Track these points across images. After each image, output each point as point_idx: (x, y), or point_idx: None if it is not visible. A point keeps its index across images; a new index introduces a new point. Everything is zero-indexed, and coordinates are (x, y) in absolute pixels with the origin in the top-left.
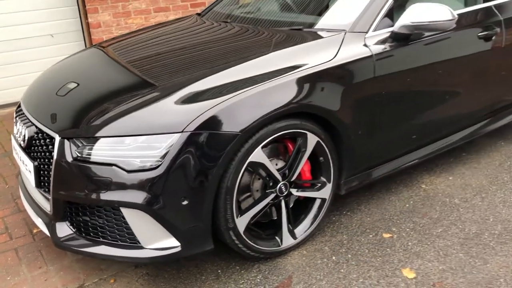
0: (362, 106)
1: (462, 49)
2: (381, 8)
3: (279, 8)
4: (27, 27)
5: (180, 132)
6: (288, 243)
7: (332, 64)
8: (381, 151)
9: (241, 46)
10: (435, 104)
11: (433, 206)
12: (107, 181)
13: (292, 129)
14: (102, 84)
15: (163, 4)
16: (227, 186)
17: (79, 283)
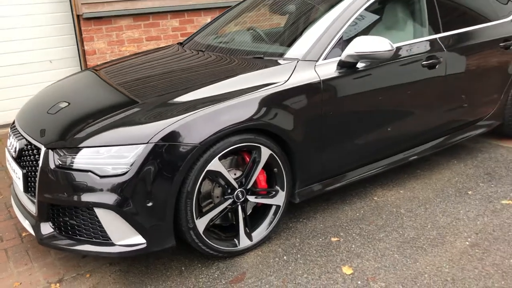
0: (311, 125)
1: (406, 76)
2: (330, 41)
3: (247, 39)
4: (28, 53)
5: (146, 143)
6: (245, 244)
7: (283, 87)
8: (332, 165)
9: (210, 72)
10: (380, 124)
11: (381, 215)
12: (83, 185)
13: (247, 143)
14: (89, 103)
15: (155, 34)
16: (188, 190)
17: (59, 277)
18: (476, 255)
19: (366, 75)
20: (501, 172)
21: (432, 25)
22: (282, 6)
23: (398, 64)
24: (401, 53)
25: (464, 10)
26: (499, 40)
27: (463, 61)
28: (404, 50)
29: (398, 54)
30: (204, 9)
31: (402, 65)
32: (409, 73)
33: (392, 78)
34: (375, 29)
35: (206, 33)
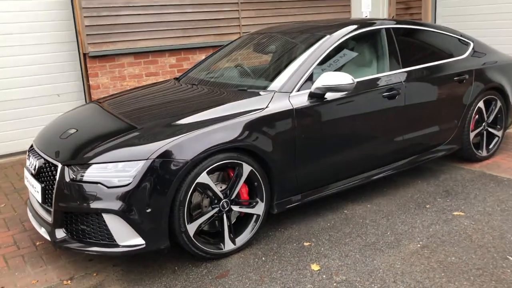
0: (286, 146)
1: (368, 105)
2: (302, 76)
3: (234, 74)
4: (38, 87)
5: (146, 159)
6: (229, 247)
7: (262, 114)
8: (305, 181)
9: (201, 101)
10: (346, 147)
11: (348, 225)
12: (94, 194)
13: (231, 160)
14: (95, 129)
15: (154, 70)
16: (180, 199)
17: (70, 276)
18: (424, 254)
19: (333, 104)
20: (458, 189)
21: (392, 61)
22: (264, 47)
23: (361, 95)
24: (364, 86)
25: (423, 49)
26: (453, 74)
27: (421, 92)
28: (367, 83)
29: (361, 86)
30: (199, 48)
31: (364, 96)
32: (371, 103)
33: (356, 107)
34: (344, 65)
35: (199, 69)
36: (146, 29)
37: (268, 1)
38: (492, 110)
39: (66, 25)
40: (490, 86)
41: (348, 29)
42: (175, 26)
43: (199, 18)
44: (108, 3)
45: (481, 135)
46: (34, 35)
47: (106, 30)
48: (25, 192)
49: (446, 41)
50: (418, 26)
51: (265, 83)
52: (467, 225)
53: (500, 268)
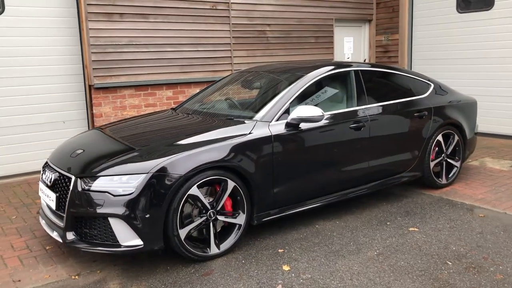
0: (265, 167)
1: (337, 135)
2: (280, 108)
3: (224, 106)
4: (45, 114)
5: (147, 173)
6: (214, 251)
7: (246, 139)
8: (282, 198)
9: (194, 128)
10: (317, 171)
11: (318, 236)
12: (101, 201)
13: (217, 176)
14: (100, 149)
15: (152, 101)
16: (174, 207)
17: (77, 273)
18: (379, 259)
19: (307, 133)
20: (417, 210)
21: (360, 98)
22: (250, 83)
23: (331, 126)
24: (333, 118)
25: (388, 88)
26: (414, 111)
27: (384, 126)
28: (337, 116)
29: (331, 119)
30: (194, 82)
31: (334, 126)
32: (339, 133)
33: (326, 136)
34: (319, 100)
35: (194, 101)
36: (146, 64)
37: (257, 43)
38: (451, 143)
39: (75, 59)
40: (448, 122)
41: (322, 70)
42: (173, 63)
43: (195, 56)
44: (113, 41)
45: (441, 165)
46: (46, 67)
47: (110, 65)
48: (32, 207)
49: (409, 82)
50: (386, 69)
51: (250, 113)
52: (419, 238)
53: (439, 270)
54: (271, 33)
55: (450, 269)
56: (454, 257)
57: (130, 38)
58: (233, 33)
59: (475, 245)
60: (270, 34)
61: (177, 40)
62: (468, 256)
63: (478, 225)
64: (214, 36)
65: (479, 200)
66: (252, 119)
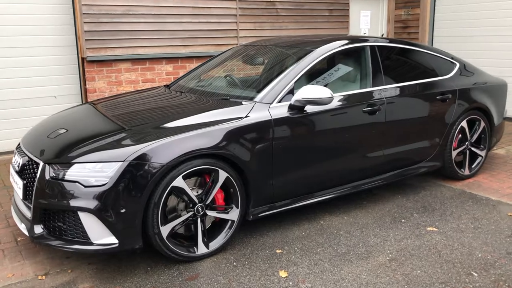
0: (263, 155)
1: (348, 120)
2: (283, 88)
3: (222, 84)
4: (36, 89)
5: (122, 161)
6: (202, 251)
7: (241, 123)
8: (282, 191)
9: (185, 109)
10: (324, 159)
11: (322, 235)
12: (71, 193)
13: (207, 166)
14: (84, 130)
15: (150, 77)
16: (155, 202)
17: (45, 272)
18: (392, 267)
19: (313, 117)
20: (435, 206)
21: (376, 78)
22: (254, 59)
23: (342, 109)
24: (345, 101)
25: (407, 67)
26: (436, 93)
27: (402, 109)
28: (348, 98)
29: (341, 101)
30: (196, 57)
31: (345, 110)
32: (351, 117)
33: (335, 121)
34: (327, 80)
35: (190, 78)
36: (145, 36)
37: (266, 15)
38: (476, 129)
39: (67, 29)
40: (474, 106)
41: (333, 45)
42: (174, 35)
43: (198, 28)
44: (108, 10)
45: (464, 154)
46: (36, 37)
47: (105, 36)
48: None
49: (432, 61)
50: (406, 45)
51: (249, 93)
52: (438, 240)
53: (463, 283)
54: (281, 5)
55: (476, 282)
56: (481, 266)
57: (127, 7)
58: (239, 4)
59: (504, 252)
60: (280, 5)
61: (178, 10)
62: (497, 266)
63: (507, 227)
64: (219, 6)
65: (507, 195)
66: (251, 100)
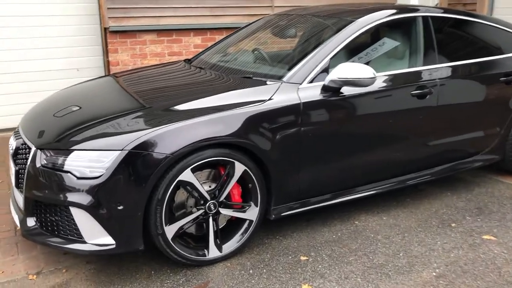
0: (288, 145)
1: (392, 104)
2: (315, 66)
3: (248, 59)
4: (57, 61)
5: (120, 150)
6: (214, 255)
7: (263, 106)
8: (310, 186)
9: (201, 88)
10: (362, 150)
11: (356, 239)
12: (62, 184)
13: (220, 157)
14: (97, 109)
15: (177, 49)
16: (158, 198)
17: (38, 270)
18: (439, 286)
19: (350, 101)
20: (493, 207)
21: (428, 55)
22: (286, 30)
23: (385, 92)
24: (390, 81)
25: (466, 43)
26: (500, 74)
27: (458, 93)
28: (393, 78)
29: (386, 82)
30: (226, 28)
31: (389, 93)
32: (396, 101)
33: (377, 105)
34: (369, 56)
35: (213, 52)
36: (171, 5)
37: None
38: None
39: None
40: None
41: (379, 15)
42: (203, 4)
43: None
44: None
45: None
46: (57, 5)
47: (128, 4)
48: None
49: (495, 35)
50: (465, 16)
51: (276, 71)
52: (498, 253)
53: None
54: None
55: None
56: None
57: None
58: None
59: None
60: None
61: None
62: None
63: None
64: None
65: None
66: (277, 80)
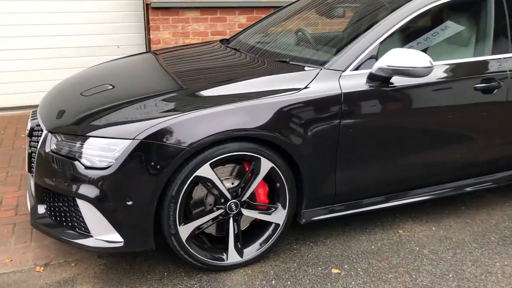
0: (325, 142)
1: (451, 99)
2: (363, 50)
3: (289, 41)
4: (97, 37)
5: (132, 139)
6: (233, 260)
7: (297, 96)
8: (348, 188)
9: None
10: (412, 150)
11: (399, 252)
12: (69, 173)
13: (244, 152)
14: (126, 90)
15: (221, 28)
16: (172, 194)
17: (47, 261)
18: None
19: (401, 93)
20: None
21: (499, 42)
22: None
23: (443, 84)
24: (450, 72)
25: None
26: None
27: None
28: (454, 68)
29: (445, 72)
30: (274, 6)
31: (448, 85)
32: (456, 95)
33: (432, 99)
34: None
35: (253, 32)
36: None
37: None
38: None
39: None
40: None
41: None
42: None
43: None
44: None
45: None
46: None
47: None
48: None
49: None
50: None
51: (315, 55)
52: None
53: None
54: None
55: None
56: None
57: None
58: None
59: None
60: None
61: None
62: None
63: None
64: None
65: None
66: (317, 65)
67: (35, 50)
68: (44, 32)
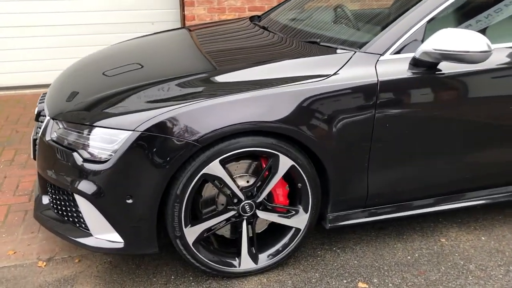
0: (356, 137)
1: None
2: (405, 30)
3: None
4: (131, 13)
5: (132, 131)
6: (247, 266)
7: (324, 84)
8: (382, 190)
9: (253, 54)
10: (463, 147)
11: (439, 266)
12: (66, 165)
13: (259, 148)
14: (155, 72)
15: (259, 4)
16: (176, 193)
17: (50, 255)
18: None
19: (451, 81)
20: None
21: None
22: None
23: (503, 71)
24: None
25: None
26: None
27: None
28: None
29: (506, 57)
30: None
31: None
32: None
33: (490, 88)
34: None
35: (286, 9)
36: None
37: None
38: None
39: None
40: None
41: None
42: None
43: None
44: None
45: None
46: None
47: None
48: None
49: None
50: None
51: (350, 35)
52: None
53: None
54: None
55: None
56: None
57: None
58: None
59: None
60: None
61: None
62: None
63: None
64: None
65: None
66: (351, 47)
67: (65, 26)
68: (76, 8)
